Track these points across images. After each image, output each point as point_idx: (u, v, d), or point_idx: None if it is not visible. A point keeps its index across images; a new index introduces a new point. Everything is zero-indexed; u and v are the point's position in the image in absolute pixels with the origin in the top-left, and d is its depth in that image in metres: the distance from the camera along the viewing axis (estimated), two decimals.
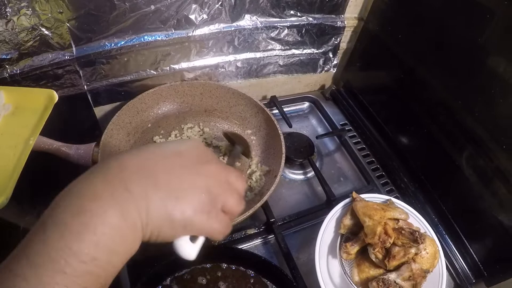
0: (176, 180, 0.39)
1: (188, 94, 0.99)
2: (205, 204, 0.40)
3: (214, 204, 0.41)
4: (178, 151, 0.42)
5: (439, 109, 0.89)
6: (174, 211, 0.37)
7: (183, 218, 0.38)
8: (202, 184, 0.41)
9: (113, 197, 0.35)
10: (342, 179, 1.01)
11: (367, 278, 0.72)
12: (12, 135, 0.67)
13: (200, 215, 0.39)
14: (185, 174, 0.40)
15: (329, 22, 1.06)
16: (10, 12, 0.67)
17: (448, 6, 0.83)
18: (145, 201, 0.36)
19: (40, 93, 0.72)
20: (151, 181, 0.37)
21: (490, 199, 0.80)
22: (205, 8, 0.86)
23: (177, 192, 0.38)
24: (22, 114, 0.70)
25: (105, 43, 0.81)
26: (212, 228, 0.41)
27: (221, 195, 0.42)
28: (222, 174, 0.43)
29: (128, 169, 0.37)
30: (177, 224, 0.38)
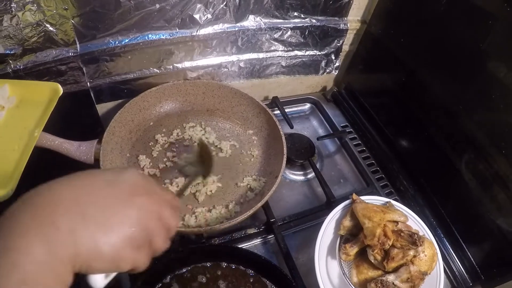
0: (107, 213, 0.38)
1: (190, 93, 0.99)
2: (135, 238, 0.39)
3: (144, 239, 0.40)
4: (114, 181, 0.41)
5: (440, 113, 0.90)
6: (103, 245, 0.36)
7: (111, 252, 0.37)
8: (134, 218, 0.39)
9: (40, 233, 0.34)
10: (342, 180, 1.02)
11: (365, 279, 0.72)
12: (17, 128, 0.67)
13: (129, 250, 0.38)
14: (117, 206, 0.39)
15: (332, 24, 1.06)
16: (15, 7, 0.67)
17: (451, 11, 0.83)
18: (73, 236, 0.35)
19: (44, 86, 0.73)
20: (80, 214, 0.36)
21: (489, 204, 0.81)
22: (209, 8, 0.87)
23: (107, 225, 0.37)
24: (27, 107, 0.71)
25: (109, 40, 0.82)
26: (138, 263, 0.40)
27: (151, 231, 0.41)
28: (156, 209, 0.42)
29: (58, 202, 0.36)
30: (106, 259, 0.37)
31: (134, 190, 0.41)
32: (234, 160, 0.92)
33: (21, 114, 0.70)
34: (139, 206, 0.40)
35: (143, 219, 0.40)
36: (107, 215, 0.38)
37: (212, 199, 0.84)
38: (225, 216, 0.81)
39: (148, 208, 0.41)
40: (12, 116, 0.70)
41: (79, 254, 0.35)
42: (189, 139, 0.94)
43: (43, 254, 0.33)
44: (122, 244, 0.37)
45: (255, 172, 0.91)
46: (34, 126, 0.67)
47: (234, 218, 0.74)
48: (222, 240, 0.80)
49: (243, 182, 0.88)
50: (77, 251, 0.35)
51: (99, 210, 0.37)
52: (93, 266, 0.37)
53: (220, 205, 0.83)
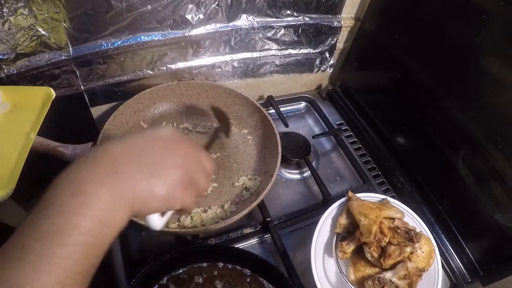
0: (158, 160, 0.44)
1: (184, 94, 0.99)
2: (182, 180, 0.45)
3: (190, 181, 0.47)
4: (156, 135, 0.47)
5: (435, 109, 0.90)
6: (158, 187, 0.43)
7: (165, 193, 0.43)
8: (180, 163, 0.46)
9: (104, 179, 0.39)
10: (338, 178, 1.02)
11: (362, 277, 0.72)
12: (12, 132, 0.69)
13: (179, 190, 0.45)
14: (165, 155, 0.45)
15: (325, 22, 1.06)
16: (7, 12, 0.67)
17: (445, 7, 0.83)
18: (132, 181, 0.41)
19: (37, 90, 0.74)
20: (136, 163, 0.42)
21: (486, 199, 0.81)
22: (201, 8, 0.86)
23: (159, 171, 0.43)
24: (20, 111, 0.72)
25: (101, 43, 0.81)
26: (186, 202, 0.47)
27: (195, 173, 0.48)
28: (193, 153, 0.49)
29: (115, 154, 0.42)
30: (161, 198, 0.43)
31: (175, 141, 0.48)
32: (229, 160, 0.92)
33: (15, 119, 0.72)
34: (183, 153, 0.47)
35: (188, 164, 0.47)
36: (158, 162, 0.44)
37: (207, 199, 0.84)
38: (221, 216, 0.81)
39: (189, 154, 0.48)
40: (6, 121, 0.71)
41: (138, 196, 0.41)
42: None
43: (108, 196, 0.38)
44: (173, 185, 0.44)
45: (251, 171, 0.91)
46: (29, 129, 0.69)
47: (229, 218, 0.74)
48: (218, 241, 0.80)
49: (239, 182, 0.88)
50: (137, 194, 0.41)
51: (151, 159, 0.43)
52: (150, 206, 0.43)
53: (215, 205, 0.83)
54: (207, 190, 0.54)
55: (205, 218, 0.80)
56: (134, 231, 0.79)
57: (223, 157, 0.93)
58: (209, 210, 0.82)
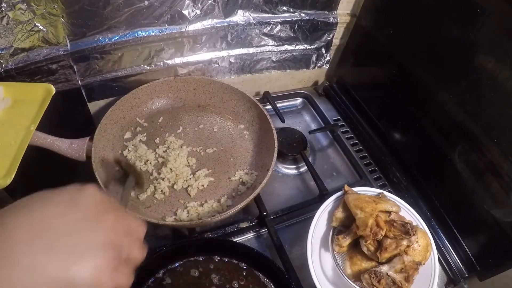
0: (74, 239, 0.35)
1: (181, 90, 0.99)
2: (110, 260, 0.36)
3: (119, 258, 0.38)
4: (74, 202, 0.37)
5: (431, 104, 0.90)
6: (77, 274, 0.33)
7: (89, 280, 0.34)
8: (104, 239, 0.37)
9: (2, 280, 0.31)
10: (335, 174, 1.02)
11: (359, 270, 0.72)
12: (13, 125, 0.71)
13: (107, 273, 0.36)
14: (84, 230, 0.36)
15: (321, 18, 1.06)
16: (5, 7, 0.67)
17: (440, 2, 0.83)
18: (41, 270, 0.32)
19: (37, 87, 0.75)
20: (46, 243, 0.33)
21: (483, 193, 0.81)
22: (198, 3, 0.87)
23: (77, 253, 0.34)
24: (21, 106, 0.73)
25: (99, 38, 0.82)
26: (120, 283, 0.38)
27: (127, 247, 0.39)
28: (122, 224, 0.40)
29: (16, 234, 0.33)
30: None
31: (97, 209, 0.38)
32: (225, 155, 0.93)
33: (16, 113, 0.73)
34: (107, 227, 0.38)
35: (115, 238, 0.38)
36: (74, 242, 0.35)
37: (204, 193, 0.84)
38: (217, 210, 0.81)
39: (116, 225, 0.39)
40: (7, 115, 0.73)
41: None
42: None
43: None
44: (99, 269, 0.35)
45: (247, 166, 0.91)
46: (29, 122, 0.71)
47: (226, 211, 0.74)
48: (215, 235, 0.80)
49: (235, 176, 0.88)
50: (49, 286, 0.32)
51: (64, 238, 0.34)
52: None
53: (212, 199, 0.83)
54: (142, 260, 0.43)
55: (201, 211, 0.80)
56: None
57: (220, 152, 0.93)
58: (205, 204, 0.82)
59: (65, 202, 0.37)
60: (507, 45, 0.72)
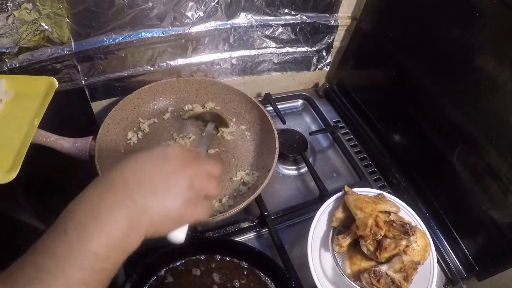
0: (169, 184, 0.48)
1: (184, 90, 1.00)
2: (192, 198, 0.49)
3: (198, 196, 0.51)
4: (165, 158, 0.50)
5: (431, 106, 0.91)
6: (170, 210, 0.47)
7: (177, 214, 0.47)
8: (189, 184, 0.49)
9: (122, 208, 0.43)
10: (335, 175, 1.03)
11: (359, 270, 0.73)
12: (15, 118, 0.70)
13: (190, 208, 0.49)
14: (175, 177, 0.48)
15: (322, 21, 1.07)
16: (11, 6, 0.68)
17: (440, 5, 0.84)
18: (147, 207, 0.45)
19: (40, 80, 0.74)
20: (150, 190, 0.46)
21: (481, 195, 0.82)
22: (201, 5, 0.88)
23: (171, 194, 0.47)
24: (24, 99, 0.73)
25: (103, 38, 0.82)
26: (198, 215, 0.51)
27: (203, 187, 0.51)
28: (202, 170, 0.52)
29: (128, 182, 0.46)
30: (175, 220, 0.48)
31: (183, 162, 0.50)
32: (227, 155, 0.93)
33: (18, 106, 0.73)
34: (191, 174, 0.50)
35: (197, 182, 0.50)
36: (169, 186, 0.47)
37: None
38: (219, 209, 0.81)
39: (197, 173, 0.51)
40: (10, 108, 0.72)
41: (153, 220, 0.45)
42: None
43: (125, 224, 0.42)
44: (183, 205, 0.48)
45: (248, 166, 0.92)
46: (33, 116, 0.70)
47: (228, 211, 0.75)
48: (216, 234, 0.81)
49: (237, 177, 0.89)
50: (151, 218, 0.45)
51: (162, 183, 0.47)
52: (164, 228, 0.48)
53: (213, 199, 0.84)
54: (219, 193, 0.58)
55: None
56: None
57: (222, 153, 0.93)
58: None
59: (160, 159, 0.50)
60: (506, 48, 0.72)
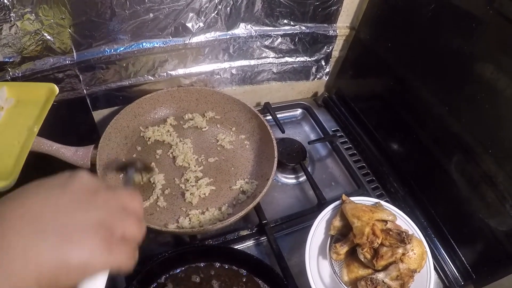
0: (66, 220, 0.35)
1: (184, 100, 1.01)
2: (102, 239, 0.36)
3: (112, 236, 0.37)
4: (63, 185, 0.38)
5: (428, 115, 0.92)
6: (69, 256, 0.33)
7: (81, 261, 0.34)
8: (95, 219, 0.36)
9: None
10: (333, 183, 1.03)
11: (356, 278, 0.73)
12: (16, 126, 0.70)
13: (100, 253, 0.35)
14: (75, 211, 0.36)
15: (321, 31, 1.08)
16: (14, 17, 0.69)
17: (437, 16, 0.85)
18: (33, 253, 0.32)
19: (41, 86, 0.75)
20: (38, 227, 0.33)
21: (478, 203, 0.82)
22: (201, 16, 0.89)
23: (69, 233, 0.34)
24: (24, 106, 0.73)
25: (104, 48, 0.84)
26: (116, 263, 0.37)
27: (118, 225, 0.38)
28: (114, 201, 0.40)
29: (9, 220, 0.33)
30: (76, 270, 0.34)
31: (87, 190, 0.38)
32: (227, 164, 0.94)
33: (19, 113, 0.73)
34: (98, 205, 0.38)
35: (106, 218, 0.37)
36: (65, 224, 0.34)
37: (205, 201, 0.86)
38: (218, 218, 0.82)
39: (107, 203, 0.39)
40: (10, 115, 0.72)
41: (43, 273, 0.32)
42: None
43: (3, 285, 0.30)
44: (89, 250, 0.34)
45: (248, 175, 0.93)
46: (33, 123, 0.70)
47: (227, 219, 0.76)
48: (215, 242, 0.81)
49: (236, 185, 0.89)
50: (41, 270, 0.32)
51: (55, 219, 0.34)
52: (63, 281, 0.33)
53: (213, 207, 0.85)
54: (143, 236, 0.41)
55: (202, 219, 0.81)
56: None
57: (221, 161, 0.94)
58: (206, 212, 0.83)
59: (56, 187, 0.37)
60: (502, 58, 0.73)
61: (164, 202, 0.83)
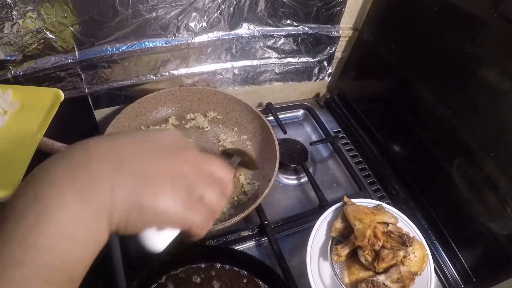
0: (148, 165, 0.34)
1: (186, 99, 1.01)
2: (179, 191, 0.35)
3: (190, 193, 0.36)
4: (155, 137, 0.38)
5: (431, 118, 0.92)
6: (143, 197, 0.33)
7: (153, 205, 0.33)
8: (178, 170, 0.36)
9: (72, 181, 0.30)
10: (334, 185, 1.03)
11: (357, 280, 0.73)
12: (19, 131, 0.69)
13: (174, 204, 0.34)
14: (159, 159, 0.35)
15: (324, 32, 1.08)
16: (16, 15, 0.69)
17: (441, 18, 0.85)
18: (110, 185, 0.32)
19: (46, 91, 0.74)
20: (118, 163, 0.33)
21: (480, 207, 0.82)
22: (204, 16, 0.89)
23: (148, 176, 0.34)
24: (29, 111, 0.72)
25: (107, 47, 0.84)
26: (187, 220, 0.35)
27: (199, 185, 0.37)
28: (203, 164, 0.38)
29: (94, 151, 0.33)
30: (147, 213, 0.33)
31: (178, 145, 0.38)
32: None
33: (23, 118, 0.72)
34: (184, 159, 0.37)
35: (189, 173, 0.36)
36: (148, 167, 0.34)
37: None
38: (219, 218, 0.82)
39: (197, 162, 0.38)
40: (14, 120, 0.71)
41: (116, 206, 0.32)
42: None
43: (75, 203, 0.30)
44: (166, 197, 0.34)
45: (249, 176, 0.92)
46: (36, 129, 0.69)
47: (228, 220, 0.76)
48: (216, 243, 0.81)
49: (237, 186, 0.89)
50: (114, 203, 0.31)
51: (139, 162, 0.34)
52: (132, 221, 0.33)
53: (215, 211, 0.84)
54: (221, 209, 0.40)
55: None
56: None
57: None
58: None
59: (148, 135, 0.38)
60: (506, 61, 0.73)
61: None
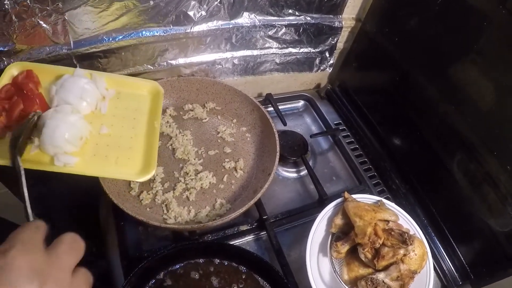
0: None
1: (184, 90, 0.99)
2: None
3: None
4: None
5: (433, 112, 0.91)
6: None
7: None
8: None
9: None
10: (334, 178, 1.02)
11: (356, 277, 0.73)
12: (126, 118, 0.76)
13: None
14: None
15: (326, 22, 1.07)
16: (9, 4, 0.67)
17: (445, 11, 0.84)
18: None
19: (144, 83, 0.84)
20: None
21: (479, 203, 0.82)
22: (204, 5, 0.86)
23: None
24: (127, 99, 0.78)
25: (102, 37, 0.81)
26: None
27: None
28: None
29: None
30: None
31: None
32: (227, 157, 0.93)
33: (124, 106, 0.78)
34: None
35: None
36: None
37: (204, 195, 0.85)
38: (218, 213, 0.81)
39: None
40: (116, 107, 0.76)
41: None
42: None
43: None
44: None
45: (249, 169, 0.91)
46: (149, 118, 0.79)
47: (227, 215, 0.75)
48: (215, 237, 0.81)
49: (237, 180, 0.88)
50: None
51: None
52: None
53: (213, 202, 0.84)
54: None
55: (202, 214, 0.80)
56: (131, 226, 0.80)
57: (222, 154, 0.93)
58: (206, 207, 0.82)
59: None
60: (510, 58, 0.72)
61: (163, 196, 0.82)
